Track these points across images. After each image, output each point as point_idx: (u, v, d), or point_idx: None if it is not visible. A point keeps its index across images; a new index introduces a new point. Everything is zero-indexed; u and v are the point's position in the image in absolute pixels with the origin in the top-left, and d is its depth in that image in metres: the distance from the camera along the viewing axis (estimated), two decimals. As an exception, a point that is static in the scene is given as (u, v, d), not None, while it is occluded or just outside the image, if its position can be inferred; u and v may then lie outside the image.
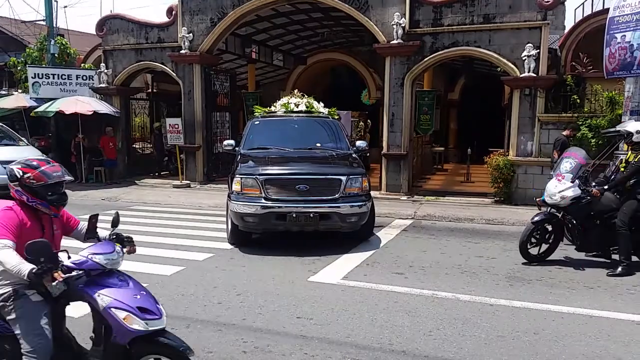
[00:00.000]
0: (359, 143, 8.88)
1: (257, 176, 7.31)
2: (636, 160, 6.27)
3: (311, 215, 7.17)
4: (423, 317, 4.79)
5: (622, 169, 6.49)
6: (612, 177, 6.67)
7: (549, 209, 6.74)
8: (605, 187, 6.44)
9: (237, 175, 7.51)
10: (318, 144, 8.44)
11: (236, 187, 7.40)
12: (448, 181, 15.62)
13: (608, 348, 4.17)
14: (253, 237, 7.99)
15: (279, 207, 7.20)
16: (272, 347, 4.13)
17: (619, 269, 6.21)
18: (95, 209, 10.93)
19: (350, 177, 7.45)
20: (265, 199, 7.23)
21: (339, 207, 7.27)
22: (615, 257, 6.49)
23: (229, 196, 7.68)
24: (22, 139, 13.55)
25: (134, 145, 17.02)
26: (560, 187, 6.42)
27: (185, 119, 14.36)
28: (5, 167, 11.30)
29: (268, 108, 9.90)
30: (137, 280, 3.15)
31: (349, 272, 6.26)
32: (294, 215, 7.14)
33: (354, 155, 8.37)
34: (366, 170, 9.14)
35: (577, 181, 6.40)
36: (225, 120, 15.69)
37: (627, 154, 6.66)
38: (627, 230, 6.20)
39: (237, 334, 4.40)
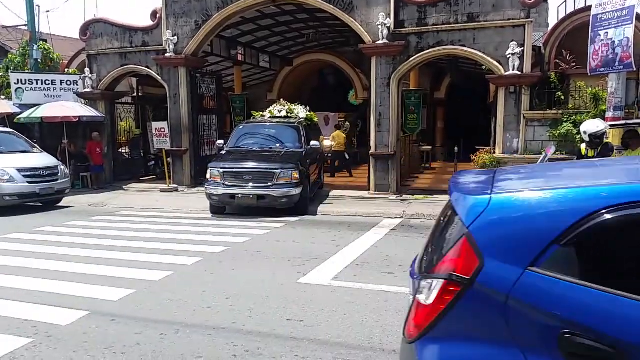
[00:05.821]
0: (312, 143, 11.38)
1: (219, 168, 10.30)
2: (599, 150, 6.69)
3: (251, 196, 10.03)
4: (413, 316, 4.80)
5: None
6: None
7: None
8: None
9: (209, 168, 10.59)
10: (278, 145, 11.13)
11: (208, 175, 10.48)
12: (436, 179, 15.68)
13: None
14: (244, 240, 8.11)
15: (231, 190, 10.11)
16: (262, 350, 4.11)
17: None
18: (82, 215, 10.82)
19: (282, 170, 10.02)
20: (223, 184, 10.16)
21: (272, 191, 9.94)
22: None
23: (206, 181, 10.61)
24: (36, 146, 13.10)
25: (120, 150, 16.86)
26: None
27: (172, 122, 14.27)
28: (24, 176, 11.00)
29: (261, 113, 12.57)
30: (126, 285, 3.11)
31: (339, 273, 6.26)
32: (239, 195, 10.08)
33: (303, 153, 10.83)
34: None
35: None
36: (212, 123, 15.59)
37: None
38: None
39: (227, 337, 4.37)
